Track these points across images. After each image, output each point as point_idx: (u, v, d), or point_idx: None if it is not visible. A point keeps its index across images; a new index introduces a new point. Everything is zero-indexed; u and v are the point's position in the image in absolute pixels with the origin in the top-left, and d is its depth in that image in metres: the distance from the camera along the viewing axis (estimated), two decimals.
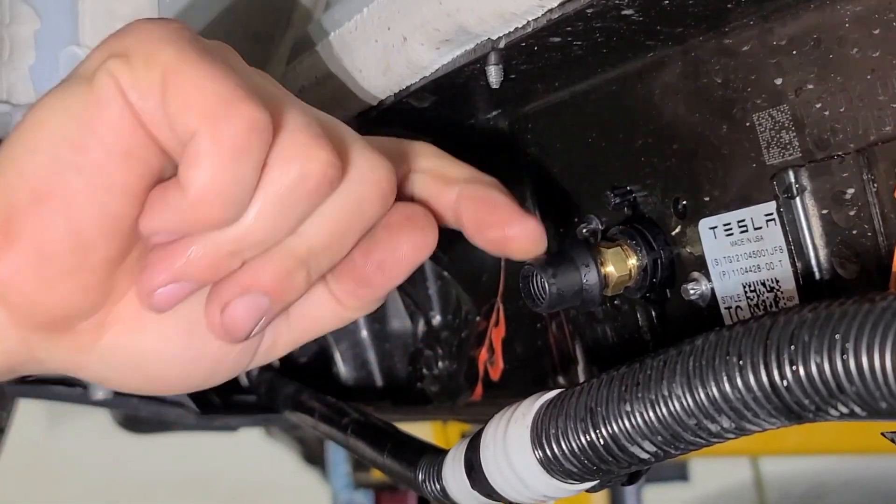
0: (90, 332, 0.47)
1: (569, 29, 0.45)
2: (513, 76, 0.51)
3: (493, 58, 0.49)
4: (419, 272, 0.70)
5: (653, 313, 0.53)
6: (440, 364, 0.72)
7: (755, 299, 0.47)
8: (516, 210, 0.48)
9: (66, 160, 0.43)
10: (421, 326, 0.74)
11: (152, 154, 0.43)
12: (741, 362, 0.37)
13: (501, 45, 0.47)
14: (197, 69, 0.42)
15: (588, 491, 0.48)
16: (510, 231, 0.47)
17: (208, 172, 0.42)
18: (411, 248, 0.48)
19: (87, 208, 0.43)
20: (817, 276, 0.44)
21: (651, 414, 0.41)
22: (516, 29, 0.46)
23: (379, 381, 0.78)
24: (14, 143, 0.44)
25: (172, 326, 0.48)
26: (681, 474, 2.30)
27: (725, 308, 0.48)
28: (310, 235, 0.45)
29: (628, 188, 0.53)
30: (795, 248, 0.44)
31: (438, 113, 0.58)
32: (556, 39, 0.47)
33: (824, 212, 0.43)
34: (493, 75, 0.49)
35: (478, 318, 0.68)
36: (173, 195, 0.43)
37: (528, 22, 0.45)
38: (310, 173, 0.43)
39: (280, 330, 0.51)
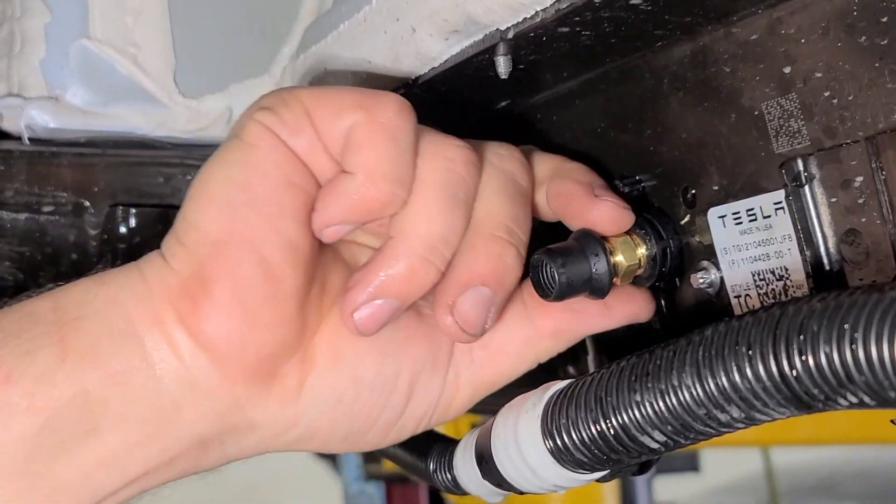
0: (294, 374, 0.48)
1: (577, 19, 0.45)
2: (521, 66, 0.51)
3: (501, 48, 0.49)
4: None
5: (662, 302, 0.53)
6: None
7: (764, 288, 0.47)
8: (587, 197, 0.50)
9: (237, 200, 0.46)
10: None
11: (309, 182, 0.47)
12: (751, 352, 0.37)
13: (510, 35, 0.47)
14: (333, 91, 0.47)
15: (598, 480, 0.48)
16: (589, 218, 0.50)
17: (373, 152, 0.46)
18: (632, 308, 0.53)
19: (267, 237, 0.46)
20: (826, 264, 0.44)
21: (661, 404, 0.41)
22: (525, 19, 0.46)
23: None
24: (187, 206, 0.47)
25: (365, 350, 0.50)
26: (692, 465, 2.30)
27: (735, 297, 0.48)
28: (489, 214, 0.49)
29: (637, 177, 0.53)
30: (804, 236, 0.44)
31: (447, 104, 0.58)
32: (565, 29, 0.47)
33: (833, 200, 0.43)
34: (502, 66, 0.49)
35: None
36: (342, 183, 0.46)
37: (537, 12, 0.45)
38: (454, 158, 0.48)
39: (461, 368, 0.53)
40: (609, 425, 0.43)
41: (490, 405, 0.53)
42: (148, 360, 0.46)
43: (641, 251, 0.51)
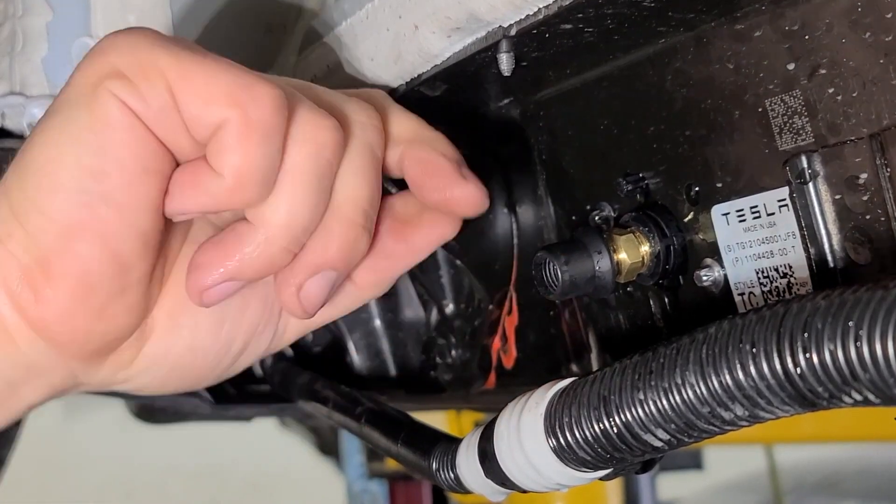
0: (131, 347, 0.48)
1: (580, 16, 0.45)
2: (524, 64, 0.51)
3: (504, 45, 0.48)
4: (431, 260, 0.70)
5: (665, 300, 0.53)
6: (453, 353, 0.72)
7: (768, 285, 0.47)
8: (454, 174, 0.50)
9: (90, 191, 0.43)
10: (434, 315, 0.74)
11: (166, 162, 0.44)
12: (754, 350, 0.37)
13: (513, 32, 0.47)
14: (199, 66, 0.43)
15: (601, 479, 0.48)
16: (450, 194, 0.50)
17: (244, 156, 0.43)
18: (436, 234, 0.53)
19: (121, 231, 0.43)
20: (830, 261, 0.43)
21: (664, 402, 0.41)
22: (528, 16, 0.46)
23: (392, 370, 0.78)
24: (29, 182, 0.43)
25: (204, 320, 0.50)
26: (695, 462, 2.30)
27: (738, 294, 0.48)
28: (349, 197, 0.47)
29: (640, 175, 0.53)
30: (808, 233, 0.44)
31: (450, 101, 0.58)
32: (568, 26, 0.46)
33: (837, 197, 0.43)
34: (505, 63, 0.49)
35: (490, 307, 0.68)
36: (206, 180, 0.43)
37: (540, 9, 0.45)
38: (325, 142, 0.45)
39: (290, 319, 0.52)
40: (612, 423, 0.42)
41: (494, 403, 0.53)
42: None
43: (644, 248, 0.51)
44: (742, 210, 0.47)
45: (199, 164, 0.44)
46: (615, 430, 0.42)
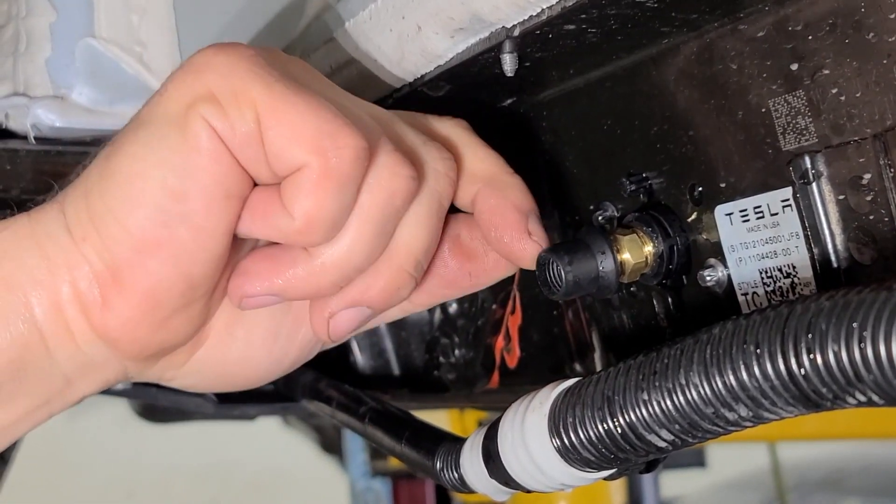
0: (184, 352, 0.49)
1: (583, 16, 0.45)
2: (527, 64, 0.51)
3: (507, 46, 0.48)
4: None
5: (669, 300, 0.53)
6: (457, 352, 0.72)
7: (772, 285, 0.47)
8: (520, 230, 0.50)
9: (170, 211, 0.43)
10: (437, 314, 0.74)
11: (246, 187, 0.45)
12: (759, 351, 0.37)
13: (516, 33, 0.47)
14: (290, 103, 0.43)
15: (606, 479, 0.48)
16: (511, 248, 0.50)
17: (317, 203, 0.43)
18: (498, 273, 0.53)
19: (195, 253, 0.44)
20: (834, 261, 0.43)
21: (668, 402, 0.41)
22: (531, 17, 0.46)
23: (396, 369, 0.78)
24: (111, 192, 0.44)
25: (259, 332, 0.50)
26: (698, 460, 2.30)
27: (742, 294, 0.48)
28: (406, 244, 0.47)
29: (644, 175, 0.53)
30: (812, 233, 0.44)
31: (453, 101, 0.58)
32: (571, 27, 0.46)
33: (841, 197, 0.43)
34: (508, 63, 0.49)
35: (494, 306, 0.68)
36: (277, 216, 0.44)
37: (543, 10, 0.45)
38: (397, 191, 0.45)
39: None
40: (616, 424, 0.42)
41: (497, 402, 0.53)
42: (46, 345, 0.45)
43: (648, 249, 0.51)
44: (745, 210, 0.47)
45: (273, 197, 0.44)
46: (619, 431, 0.42)
